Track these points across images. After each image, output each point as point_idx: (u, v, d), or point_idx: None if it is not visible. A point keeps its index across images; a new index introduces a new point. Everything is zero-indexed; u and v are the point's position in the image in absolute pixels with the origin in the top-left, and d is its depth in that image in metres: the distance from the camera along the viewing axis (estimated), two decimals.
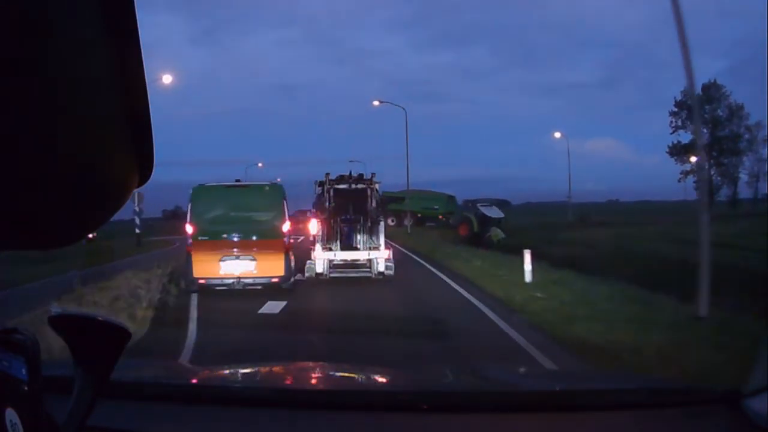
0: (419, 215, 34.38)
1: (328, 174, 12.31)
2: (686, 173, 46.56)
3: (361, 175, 12.50)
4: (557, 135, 45.85)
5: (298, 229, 13.87)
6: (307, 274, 11.21)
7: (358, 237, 12.17)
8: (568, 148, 50.72)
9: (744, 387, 1.44)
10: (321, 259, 11.38)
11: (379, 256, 11.50)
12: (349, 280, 11.31)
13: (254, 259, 9.93)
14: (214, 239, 9.96)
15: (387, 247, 11.92)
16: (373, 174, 12.52)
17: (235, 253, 9.92)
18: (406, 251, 18.23)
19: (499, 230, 23.03)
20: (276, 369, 2.42)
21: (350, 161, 45.59)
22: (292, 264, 10.41)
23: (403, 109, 32.65)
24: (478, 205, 25.89)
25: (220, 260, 9.85)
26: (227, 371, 2.33)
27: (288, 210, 10.66)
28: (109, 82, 0.43)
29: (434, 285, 11.52)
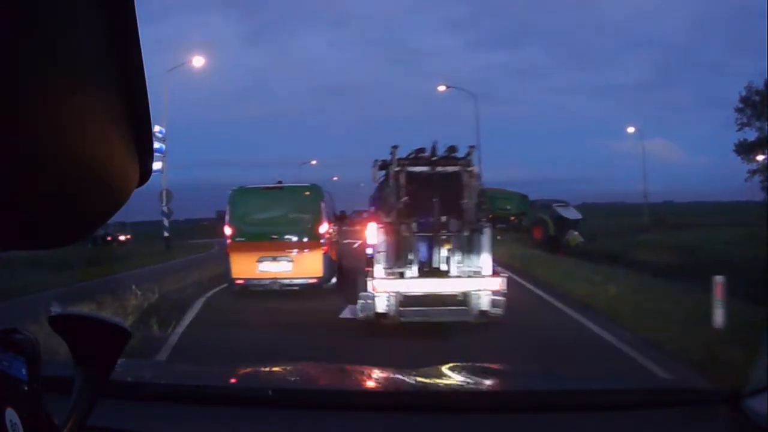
0: (490, 216, 31.33)
1: (395, 148, 7.49)
2: (753, 172, 42.79)
3: (451, 151, 7.43)
4: (631, 130, 43.26)
5: (354, 232, 13.26)
6: (361, 314, 6.96)
7: (448, 254, 7.23)
8: (642, 148, 47.09)
9: (744, 387, 1.45)
10: (385, 293, 6.87)
11: (482, 287, 6.82)
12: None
13: (291, 260, 10.05)
14: (251, 240, 10.15)
15: (495, 271, 7.09)
16: (471, 148, 7.54)
17: (272, 254, 10.04)
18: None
19: (576, 233, 20.84)
20: (276, 369, 2.42)
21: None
22: (332, 264, 10.50)
23: (473, 94, 30.63)
24: (554, 205, 22.78)
25: (258, 261, 10.00)
26: (227, 371, 2.33)
27: (336, 210, 11.15)
28: (109, 81, 0.43)
29: (569, 331, 7.04)
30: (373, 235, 7.23)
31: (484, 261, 7.01)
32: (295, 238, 10.21)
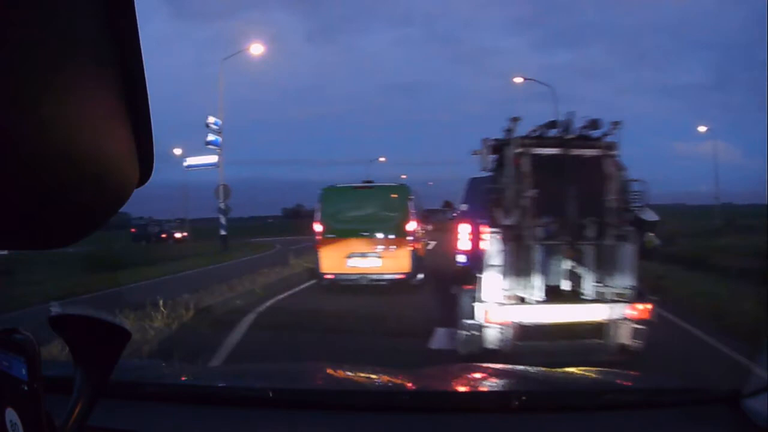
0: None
1: (515, 121, 5.39)
2: None
3: (592, 127, 5.28)
4: (702, 129, 39.81)
5: (428, 233, 13.06)
6: (464, 350, 5.17)
7: (575, 269, 5.28)
8: (715, 148, 45.04)
9: (744, 387, 1.45)
10: (499, 320, 5.03)
11: (622, 314, 4.99)
12: None
13: (380, 257, 10.33)
14: (341, 237, 10.45)
15: (641, 293, 5.16)
16: (614, 125, 5.31)
17: (362, 250, 10.36)
18: None
19: (653, 236, 19.69)
20: (276, 369, 2.42)
21: (473, 153, 44.72)
22: (419, 261, 10.85)
23: (550, 86, 29.51)
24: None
25: (347, 257, 10.33)
26: (227, 371, 2.33)
27: (421, 209, 11.48)
28: (109, 80, 0.43)
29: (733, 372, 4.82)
30: (466, 236, 6.22)
31: (629, 279, 5.07)
32: (383, 235, 10.42)
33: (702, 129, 39.57)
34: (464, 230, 6.91)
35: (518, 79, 28.32)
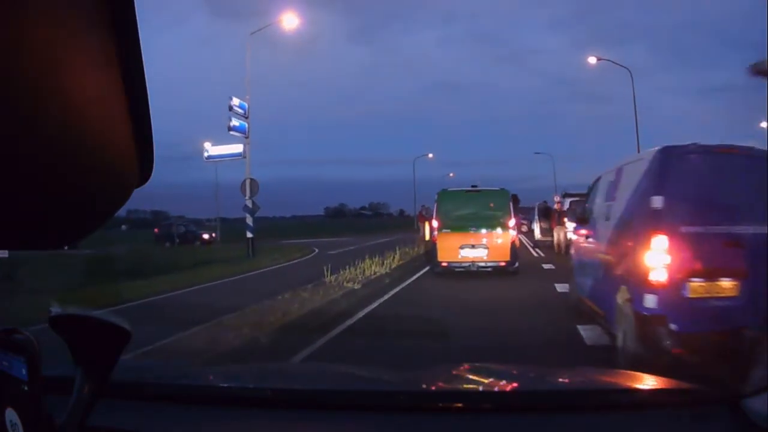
0: None
1: None
2: None
3: None
4: (764, 125, 35.26)
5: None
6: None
7: None
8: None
9: (744, 387, 1.44)
10: None
11: None
12: None
13: (486, 248, 12.59)
14: (454, 231, 12.70)
15: None
16: None
17: (471, 243, 12.59)
18: None
19: None
20: (276, 369, 2.42)
21: (536, 153, 44.85)
22: (517, 252, 13.24)
23: (627, 69, 24.60)
24: None
25: (460, 248, 12.57)
26: (227, 371, 2.33)
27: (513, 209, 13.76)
28: (109, 80, 0.43)
29: None
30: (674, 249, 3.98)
31: None
32: (489, 230, 12.76)
33: (764, 125, 35.23)
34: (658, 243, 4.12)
35: (592, 60, 25.57)
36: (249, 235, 18.99)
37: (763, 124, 37.23)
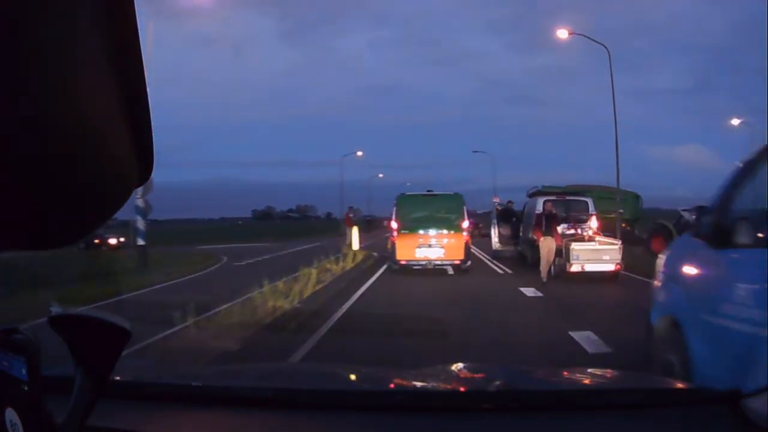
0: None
1: None
2: None
3: None
4: (735, 122, 35.07)
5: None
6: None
7: None
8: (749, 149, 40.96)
9: (744, 387, 1.44)
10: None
11: None
12: None
13: (442, 247, 13.57)
14: (412, 232, 13.67)
15: None
16: None
17: (428, 243, 13.59)
18: None
19: None
20: (276, 369, 2.43)
21: (474, 152, 44.72)
22: (469, 251, 14.11)
23: (604, 46, 19.66)
24: (681, 210, 16.60)
25: (417, 247, 13.58)
26: (227, 371, 2.33)
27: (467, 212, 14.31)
28: (108, 80, 0.43)
29: None
30: None
31: None
32: (444, 231, 13.69)
33: (735, 122, 35.94)
34: None
35: (562, 33, 20.86)
36: (140, 242, 15.45)
37: (735, 121, 36.76)
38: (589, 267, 11.84)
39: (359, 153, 48.93)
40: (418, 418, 1.51)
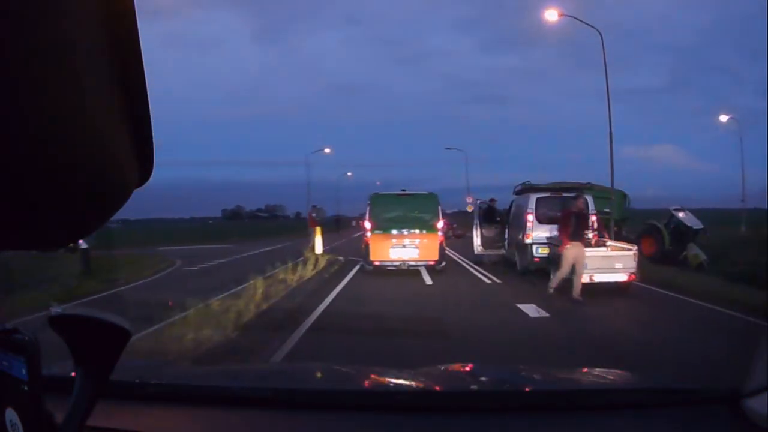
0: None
1: None
2: None
3: None
4: (723, 119, 34.92)
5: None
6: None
7: None
8: (741, 146, 35.08)
9: (744, 387, 1.44)
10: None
11: None
12: None
13: (416, 247, 13.36)
14: (386, 232, 13.46)
15: None
16: None
17: (402, 243, 13.38)
18: None
19: (698, 248, 14.46)
20: (276, 369, 2.43)
21: (447, 149, 44.38)
22: (443, 251, 13.83)
23: (596, 29, 17.89)
24: (673, 210, 15.91)
25: (391, 248, 13.36)
26: (227, 371, 2.33)
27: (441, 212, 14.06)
28: (108, 80, 0.43)
29: None
30: None
31: None
32: (418, 231, 13.45)
33: (723, 118, 35.57)
34: None
35: (551, 15, 18.74)
36: (82, 245, 13.32)
37: (723, 118, 36.47)
38: (599, 277, 9.66)
39: (327, 150, 47.13)
40: (418, 418, 1.51)
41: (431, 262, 13.31)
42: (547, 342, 6.29)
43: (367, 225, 13.78)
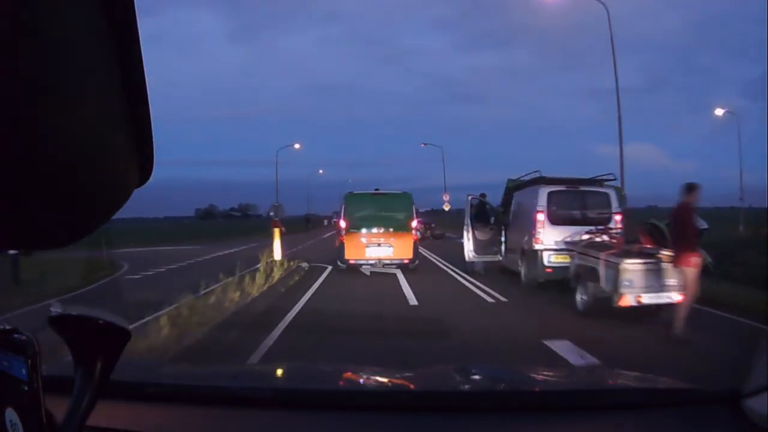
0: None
1: None
2: None
3: None
4: (719, 113, 34.31)
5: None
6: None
7: None
8: (739, 145, 33.02)
9: (744, 387, 1.44)
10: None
11: None
12: None
13: (391, 246, 13.53)
14: (360, 231, 13.64)
15: None
16: None
17: (377, 242, 13.56)
18: None
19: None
20: (276, 369, 2.42)
21: (424, 144, 43.65)
22: (418, 250, 13.98)
23: (603, 3, 16.30)
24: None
25: (366, 247, 13.55)
26: (227, 371, 2.33)
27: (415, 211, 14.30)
28: (108, 80, 0.43)
29: None
30: None
31: None
32: (393, 230, 13.64)
33: (719, 112, 35.11)
34: None
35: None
36: (10, 251, 10.47)
37: (719, 111, 36.38)
38: (648, 298, 7.11)
39: (296, 146, 45.32)
40: (419, 418, 1.51)
41: (406, 261, 13.50)
42: None
43: (342, 224, 13.93)
